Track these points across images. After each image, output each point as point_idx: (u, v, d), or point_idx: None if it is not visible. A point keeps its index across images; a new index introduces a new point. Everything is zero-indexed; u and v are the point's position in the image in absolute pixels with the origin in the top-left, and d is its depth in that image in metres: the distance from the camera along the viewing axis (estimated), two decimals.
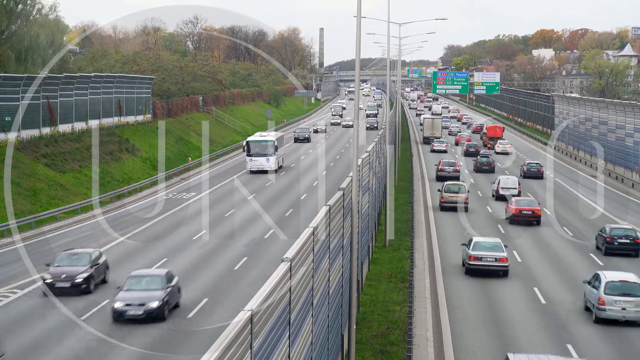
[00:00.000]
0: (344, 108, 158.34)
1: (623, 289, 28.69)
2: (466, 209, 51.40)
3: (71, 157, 60.84)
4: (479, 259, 35.29)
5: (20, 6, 72.76)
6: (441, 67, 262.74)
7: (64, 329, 26.65)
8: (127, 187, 58.27)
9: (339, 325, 21.26)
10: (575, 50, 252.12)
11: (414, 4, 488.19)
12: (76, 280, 30.52)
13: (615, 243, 40.04)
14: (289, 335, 13.44)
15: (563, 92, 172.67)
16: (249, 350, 10.55)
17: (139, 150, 73.38)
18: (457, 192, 52.18)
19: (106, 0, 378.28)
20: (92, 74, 73.05)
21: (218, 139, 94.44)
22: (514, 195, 53.41)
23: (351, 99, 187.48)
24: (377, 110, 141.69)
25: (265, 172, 66.16)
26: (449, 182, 54.78)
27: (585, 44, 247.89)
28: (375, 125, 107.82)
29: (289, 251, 13.97)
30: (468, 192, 53.49)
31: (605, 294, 28.49)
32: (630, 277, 29.68)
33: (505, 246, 36.74)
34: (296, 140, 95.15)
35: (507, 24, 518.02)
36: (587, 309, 29.98)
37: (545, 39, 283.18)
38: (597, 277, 29.81)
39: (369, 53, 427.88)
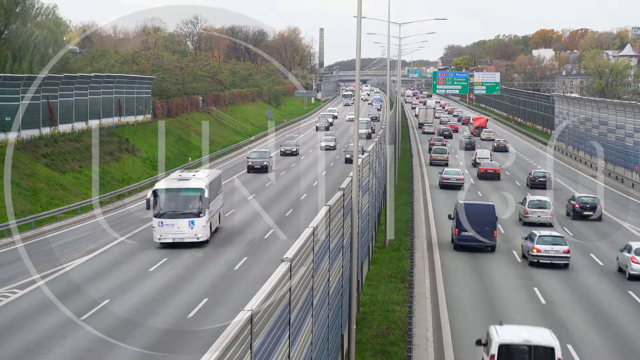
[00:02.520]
0: (335, 117, 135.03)
1: (539, 205, 48.53)
2: (446, 164, 75.79)
3: (71, 157, 60.83)
4: (448, 179, 62.56)
5: (19, 6, 72.78)
6: (441, 67, 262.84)
7: (64, 329, 26.65)
8: (127, 187, 58.27)
9: (339, 325, 21.26)
10: (575, 50, 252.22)
11: (414, 4, 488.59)
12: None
13: (536, 181, 64.20)
14: (289, 335, 13.44)
15: (563, 92, 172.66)
16: (249, 350, 10.54)
17: (138, 150, 73.37)
18: (441, 154, 78.99)
19: (106, 0, 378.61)
20: (92, 74, 73.05)
21: (218, 139, 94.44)
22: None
23: (347, 105, 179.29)
24: (371, 128, 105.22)
25: (187, 244, 39.57)
26: (435, 147, 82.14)
27: (585, 44, 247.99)
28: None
29: (289, 251, 13.96)
30: (448, 154, 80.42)
31: (528, 207, 48.44)
32: (543, 197, 50.10)
33: (463, 174, 65.14)
34: (250, 169, 69.12)
35: (507, 24, 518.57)
36: (520, 219, 49.38)
37: (545, 39, 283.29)
38: (525, 198, 50.13)
39: (369, 53, 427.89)
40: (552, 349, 20.93)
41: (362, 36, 32.53)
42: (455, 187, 61.50)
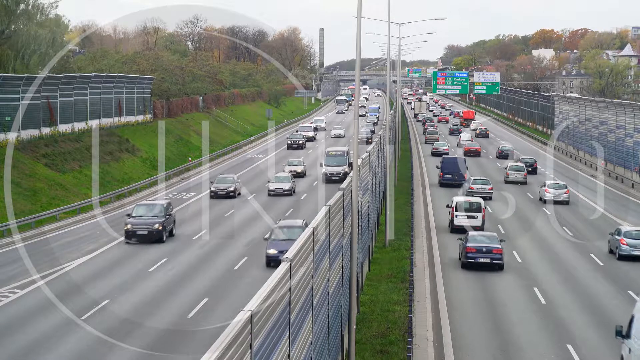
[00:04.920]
0: (320, 128, 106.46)
1: (516, 168, 66.22)
2: (438, 140, 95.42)
3: (71, 157, 60.83)
4: (437, 149, 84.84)
5: (21, 6, 72.72)
6: (441, 67, 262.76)
7: (64, 329, 26.65)
8: (127, 187, 58.26)
9: (339, 325, 21.26)
10: (575, 50, 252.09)
11: (414, 4, 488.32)
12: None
13: (502, 153, 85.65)
14: (289, 335, 13.43)
15: (563, 92, 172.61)
16: (249, 350, 10.54)
17: (138, 150, 73.37)
18: (433, 134, 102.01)
19: (106, 0, 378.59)
20: (92, 74, 73.04)
21: (218, 139, 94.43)
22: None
23: (340, 112, 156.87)
24: (348, 163, 61.73)
25: None
26: (429, 130, 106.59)
27: (585, 44, 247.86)
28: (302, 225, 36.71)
29: (289, 251, 13.96)
30: (439, 134, 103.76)
31: (509, 170, 66.25)
32: (520, 163, 69.19)
33: (449, 147, 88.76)
34: (129, 236, 40.33)
35: (507, 24, 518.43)
36: (504, 180, 66.97)
37: (545, 39, 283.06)
38: (507, 164, 68.05)
39: (369, 53, 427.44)
40: (480, 203, 44.59)
41: (362, 36, 32.55)
42: (443, 154, 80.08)
